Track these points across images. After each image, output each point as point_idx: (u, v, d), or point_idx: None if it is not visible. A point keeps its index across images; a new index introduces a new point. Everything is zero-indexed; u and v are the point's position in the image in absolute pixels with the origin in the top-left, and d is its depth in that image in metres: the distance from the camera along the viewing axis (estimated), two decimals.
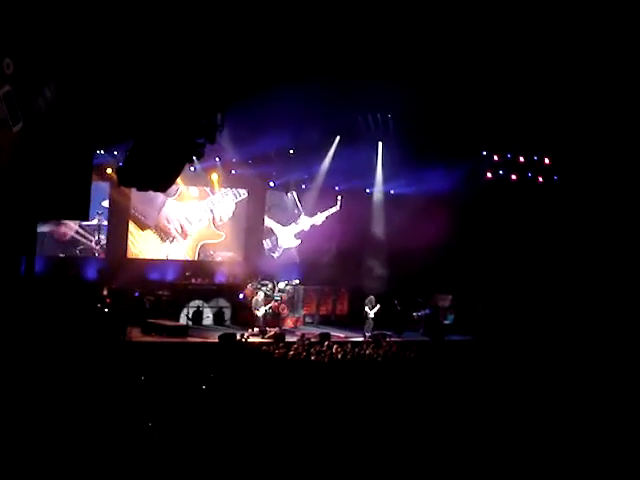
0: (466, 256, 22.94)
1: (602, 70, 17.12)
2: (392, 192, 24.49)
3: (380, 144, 23.33)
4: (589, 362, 16.18)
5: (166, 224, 22.76)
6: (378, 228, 23.56)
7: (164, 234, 22.83)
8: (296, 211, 25.01)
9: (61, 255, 21.11)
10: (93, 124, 10.36)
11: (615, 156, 20.74)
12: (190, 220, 23.10)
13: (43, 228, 19.16)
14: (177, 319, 20.76)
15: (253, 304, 20.92)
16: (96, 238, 21.76)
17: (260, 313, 20.65)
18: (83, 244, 21.64)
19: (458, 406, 12.16)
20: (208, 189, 23.11)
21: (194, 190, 22.97)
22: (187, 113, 10.65)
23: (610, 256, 21.65)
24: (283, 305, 22.01)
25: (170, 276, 22.41)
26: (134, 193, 21.30)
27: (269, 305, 20.99)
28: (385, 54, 16.70)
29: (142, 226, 22.54)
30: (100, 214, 21.35)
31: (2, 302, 11.63)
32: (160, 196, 21.74)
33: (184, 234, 23.04)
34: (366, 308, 21.39)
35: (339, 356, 16.38)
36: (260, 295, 20.99)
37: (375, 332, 20.52)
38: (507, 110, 19.88)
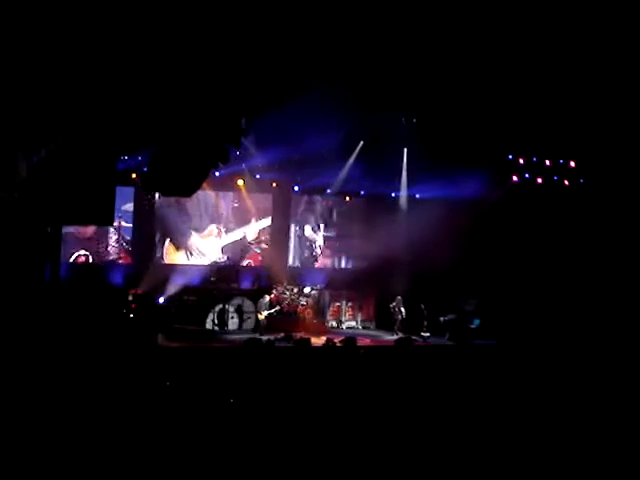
0: (492, 260, 22.79)
1: (628, 73, 16.98)
2: (417, 196, 24.40)
3: (405, 149, 23.27)
4: (618, 369, 15.94)
5: (193, 248, 23.49)
6: (403, 232, 23.46)
7: (191, 252, 23.48)
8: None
9: (81, 253, 21.48)
10: (118, 129, 10.40)
11: None
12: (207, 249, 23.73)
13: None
14: (203, 324, 20.88)
15: (257, 307, 20.95)
16: (115, 238, 22.27)
17: (262, 317, 20.66)
18: (103, 243, 22.13)
19: (483, 411, 12.06)
20: (222, 227, 23.79)
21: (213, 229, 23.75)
22: (212, 117, 10.66)
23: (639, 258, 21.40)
24: (308, 310, 22.05)
25: (196, 281, 22.49)
26: (171, 222, 22.92)
27: (274, 309, 21.01)
28: (410, 57, 16.68)
29: (178, 248, 23.27)
30: (120, 217, 21.74)
31: (27, 308, 11.71)
32: (189, 231, 23.19)
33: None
34: (394, 307, 21.52)
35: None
36: (265, 298, 21.03)
37: (401, 336, 20.44)
38: (533, 113, 19.76)
